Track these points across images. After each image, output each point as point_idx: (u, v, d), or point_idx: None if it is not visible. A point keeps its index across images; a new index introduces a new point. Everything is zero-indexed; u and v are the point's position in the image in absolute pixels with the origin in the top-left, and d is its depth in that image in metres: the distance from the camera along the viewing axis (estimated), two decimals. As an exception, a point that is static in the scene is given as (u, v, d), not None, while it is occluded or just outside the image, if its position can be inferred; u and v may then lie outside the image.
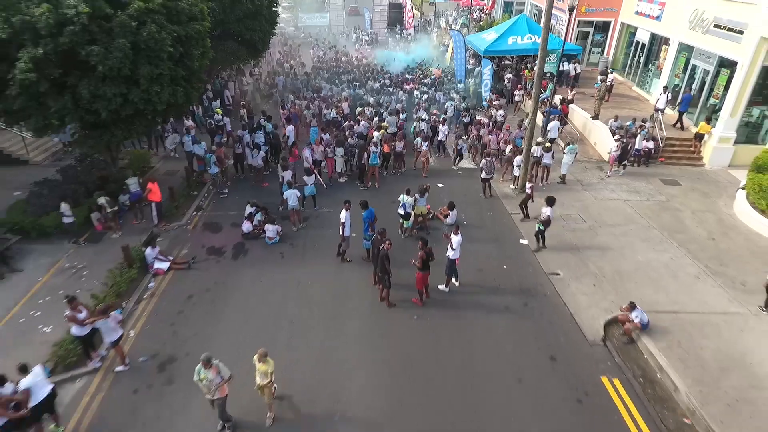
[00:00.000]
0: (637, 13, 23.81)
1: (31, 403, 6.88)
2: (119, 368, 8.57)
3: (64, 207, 11.94)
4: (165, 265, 11.18)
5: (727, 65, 16.64)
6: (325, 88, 22.45)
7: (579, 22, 27.39)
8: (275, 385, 7.61)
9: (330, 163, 15.72)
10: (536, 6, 35.65)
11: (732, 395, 8.02)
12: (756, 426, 7.50)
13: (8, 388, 6.80)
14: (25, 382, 6.89)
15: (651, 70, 22.67)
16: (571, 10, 17.75)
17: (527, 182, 14.05)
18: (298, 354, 8.98)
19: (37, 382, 6.99)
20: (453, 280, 10.74)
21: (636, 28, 24.17)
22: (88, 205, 12.56)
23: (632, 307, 9.36)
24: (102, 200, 12.12)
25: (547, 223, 11.85)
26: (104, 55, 10.24)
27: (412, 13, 44.47)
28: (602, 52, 27.77)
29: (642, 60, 23.51)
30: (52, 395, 7.24)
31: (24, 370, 7.03)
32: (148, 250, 11.07)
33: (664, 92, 18.16)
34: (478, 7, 50.94)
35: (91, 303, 9.40)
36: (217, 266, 11.60)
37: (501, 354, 9.05)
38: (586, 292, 10.66)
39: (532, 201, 13.38)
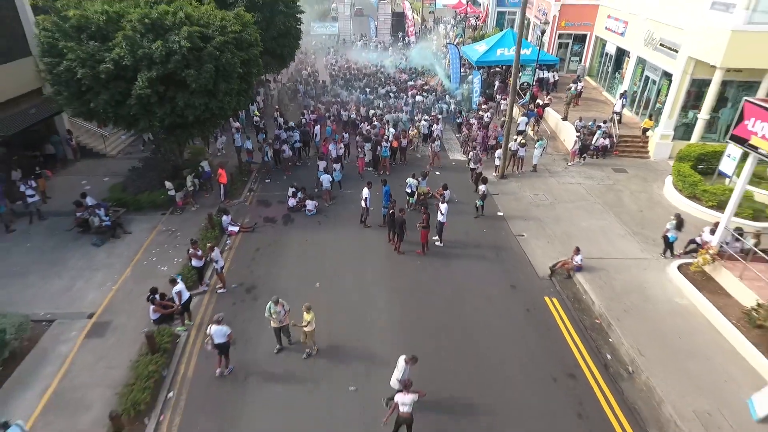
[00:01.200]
0: (606, 28, 27.91)
1: (182, 301, 11.05)
2: (220, 290, 12.72)
3: (168, 185, 16.12)
4: (236, 229, 15.32)
5: (668, 77, 20.75)
6: (342, 94, 26.61)
7: (560, 34, 31.52)
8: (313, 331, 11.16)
9: (361, 162, 19.57)
10: (526, 17, 39.69)
11: (628, 305, 12.16)
12: (638, 320, 11.63)
13: (179, 286, 10.92)
14: (176, 288, 11.03)
15: (617, 78, 26.77)
16: (542, 32, 21.86)
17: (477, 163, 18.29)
18: (337, 285, 13.13)
19: (182, 289, 11.13)
20: (438, 237, 14.85)
21: (606, 42, 28.26)
22: (176, 183, 16.67)
23: (577, 251, 13.45)
24: (189, 180, 16.29)
25: (483, 197, 16.03)
26: (196, 76, 14.33)
27: (413, 21, 48.52)
28: (580, 60, 31.86)
29: (610, 69, 27.62)
30: (189, 299, 11.39)
31: (174, 281, 11.16)
32: (224, 218, 15.20)
33: (620, 98, 22.30)
34: (473, 15, 55.04)
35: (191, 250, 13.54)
36: (272, 230, 15.77)
37: (478, 284, 13.19)
38: (542, 246, 14.80)
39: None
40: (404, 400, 8.16)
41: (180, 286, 11.11)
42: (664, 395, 9.70)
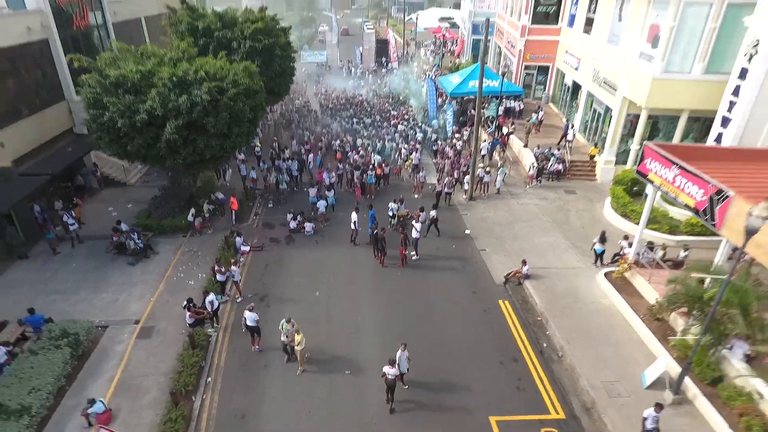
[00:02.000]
0: (564, 62, 31.67)
1: (214, 308, 14.08)
2: (239, 299, 15.76)
3: (191, 212, 19.12)
4: (247, 248, 18.35)
5: (610, 110, 24.37)
6: (332, 125, 29.88)
7: (526, 66, 35.28)
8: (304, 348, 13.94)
9: (358, 191, 22.62)
10: (498, 45, 43.61)
11: (563, 306, 15.49)
12: (569, 317, 14.94)
13: (210, 296, 13.97)
14: (209, 298, 14.05)
15: (573, 107, 30.46)
16: (503, 74, 25.39)
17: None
18: (332, 293, 16.25)
19: (213, 299, 14.16)
20: (414, 251, 18.05)
21: (564, 74, 32.02)
22: (195, 209, 19.66)
23: (524, 263, 16.76)
24: (206, 207, 19.33)
25: (434, 220, 19.27)
26: (215, 123, 17.42)
27: (396, 47, 52.19)
28: (544, 89, 35.65)
29: (568, 98, 31.34)
30: (218, 307, 14.43)
31: (206, 293, 14.19)
32: (238, 239, 18.23)
33: (571, 128, 25.91)
34: (451, 39, 58.92)
35: (214, 267, 16.57)
36: (277, 249, 18.85)
37: (446, 291, 16.42)
38: (500, 260, 18.11)
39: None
40: (389, 372, 11.36)
41: (211, 296, 14.14)
42: (582, 372, 13.00)
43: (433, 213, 19.39)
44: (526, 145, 26.33)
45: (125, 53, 18.49)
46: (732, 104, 17.71)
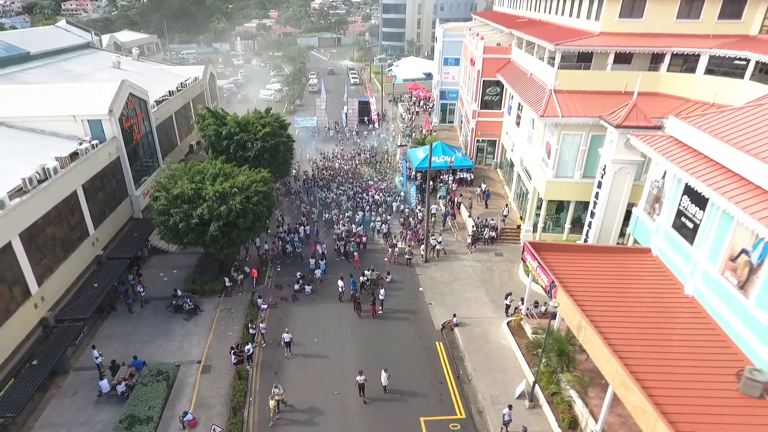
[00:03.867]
0: (504, 141, 40.54)
1: (249, 353, 22.11)
2: (263, 345, 23.76)
3: (227, 279, 27.13)
4: (265, 306, 26.38)
5: (529, 192, 32.94)
6: (322, 196, 38.18)
7: (478, 140, 44.13)
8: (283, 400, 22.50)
9: (356, 261, 30.59)
10: (461, 111, 52.56)
11: (477, 345, 23.76)
12: (480, 354, 23.18)
13: (249, 346, 22.03)
14: (247, 347, 22.05)
15: (512, 178, 39.17)
16: (453, 172, 34.07)
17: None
18: (326, 337, 24.34)
19: (250, 347, 22.16)
20: (381, 307, 26.24)
21: (505, 149, 40.84)
22: (225, 276, 27.66)
23: (454, 315, 25.03)
24: (234, 274, 27.40)
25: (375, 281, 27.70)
26: (244, 222, 25.56)
27: (376, 109, 61.00)
28: (493, 157, 44.51)
29: (508, 170, 40.09)
30: (252, 352, 22.44)
31: (246, 343, 22.18)
32: (259, 300, 26.25)
33: (505, 207, 34.52)
34: (425, 97, 67.82)
35: (245, 321, 24.59)
36: (286, 306, 26.92)
37: (400, 334, 24.62)
38: (441, 311, 26.36)
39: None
40: (359, 378, 19.63)
41: (249, 345, 22.19)
42: (479, 389, 21.24)
43: (389, 277, 27.82)
44: (470, 216, 34.84)
45: (180, 172, 26.67)
46: (595, 204, 26.40)
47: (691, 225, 19.14)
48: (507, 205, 35.33)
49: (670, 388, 14.98)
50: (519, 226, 33.52)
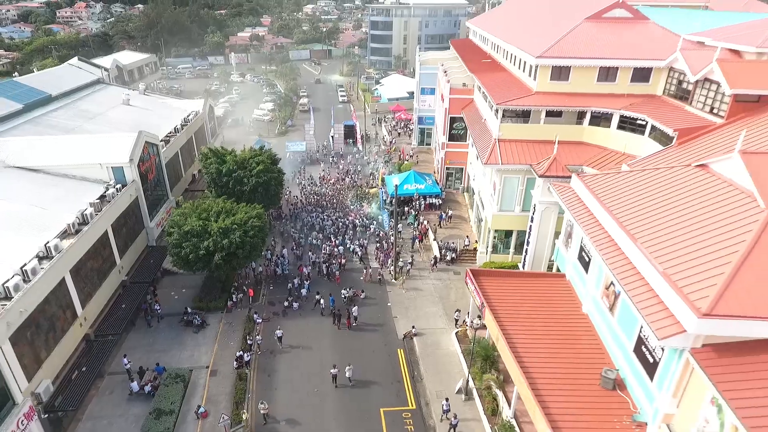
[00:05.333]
0: (468, 170, 46.57)
1: (246, 360, 27.95)
2: (259, 353, 29.59)
3: (233, 295, 32.91)
4: (260, 320, 32.19)
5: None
6: (309, 221, 44.03)
7: (447, 167, 50.13)
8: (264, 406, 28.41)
9: (338, 279, 36.63)
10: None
11: (430, 351, 29.75)
12: (432, 359, 29.14)
13: (246, 355, 27.88)
14: (246, 356, 27.88)
15: (475, 204, 45.15)
16: (424, 197, 40.08)
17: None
18: (309, 344, 30.22)
19: (246, 355, 27.98)
20: (355, 321, 32.14)
21: (470, 177, 46.85)
22: (226, 294, 33.45)
23: (413, 327, 30.96)
24: (234, 294, 33.20)
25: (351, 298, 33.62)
26: (242, 252, 31.34)
27: (361, 132, 66.91)
28: (461, 182, 50.53)
29: (473, 195, 46.05)
30: (250, 359, 28.26)
31: (244, 351, 28.00)
32: (255, 315, 32.07)
33: (466, 237, 40.52)
34: (407, 119, 73.80)
35: (244, 333, 30.41)
36: (277, 320, 32.73)
37: (370, 342, 30.56)
38: (404, 323, 32.30)
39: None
40: (333, 371, 25.66)
41: (245, 354, 28.00)
42: (428, 386, 27.22)
43: (362, 295, 33.71)
44: (435, 239, 40.79)
45: (190, 210, 32.41)
46: (529, 234, 32.43)
47: (587, 258, 25.19)
48: (467, 236, 41.20)
49: (552, 385, 20.96)
50: (475, 249, 39.52)
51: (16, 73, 63.30)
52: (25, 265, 22.62)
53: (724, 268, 16.14)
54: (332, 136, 64.70)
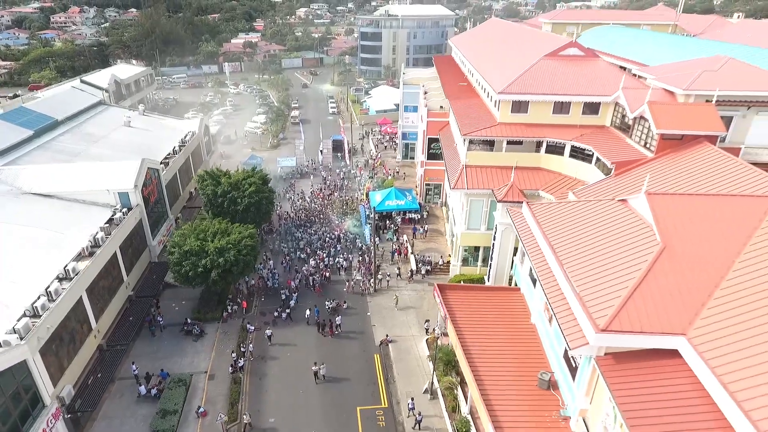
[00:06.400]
0: (445, 185, 50.60)
1: (240, 365, 31.86)
2: (251, 359, 33.45)
3: (228, 306, 36.74)
4: (252, 328, 36.04)
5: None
6: (297, 236, 47.91)
7: (426, 183, 54.16)
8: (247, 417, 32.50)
9: (318, 289, 40.56)
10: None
11: (402, 356, 33.75)
12: (404, 363, 33.13)
13: (240, 361, 31.80)
14: (239, 360, 31.75)
15: (450, 218, 49.13)
16: (404, 213, 44.11)
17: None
18: (296, 350, 34.13)
19: (240, 360, 31.86)
20: (338, 329, 36.07)
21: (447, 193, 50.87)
22: (222, 306, 37.28)
23: (387, 335, 34.92)
24: (229, 306, 37.04)
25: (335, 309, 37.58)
26: (236, 269, 35.17)
27: (349, 147, 70.82)
28: (439, 197, 54.56)
29: (449, 209, 50.05)
30: (244, 364, 32.14)
31: (238, 357, 31.88)
32: (248, 325, 35.92)
33: (449, 256, 44.55)
34: (392, 133, 77.71)
35: (238, 341, 34.26)
36: (268, 328, 36.58)
37: (350, 348, 34.53)
38: (381, 331, 36.27)
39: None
40: (314, 368, 29.79)
41: (241, 360, 31.85)
42: (399, 387, 31.23)
43: (328, 304, 37.70)
44: (412, 252, 44.78)
45: (189, 231, 36.18)
46: (492, 251, 36.45)
47: (534, 275, 29.22)
48: (441, 256, 45.17)
49: (498, 385, 24.98)
50: (449, 262, 43.52)
51: (19, 92, 66.55)
52: (48, 286, 26.38)
53: (622, 291, 20.20)
54: (321, 150, 68.53)
